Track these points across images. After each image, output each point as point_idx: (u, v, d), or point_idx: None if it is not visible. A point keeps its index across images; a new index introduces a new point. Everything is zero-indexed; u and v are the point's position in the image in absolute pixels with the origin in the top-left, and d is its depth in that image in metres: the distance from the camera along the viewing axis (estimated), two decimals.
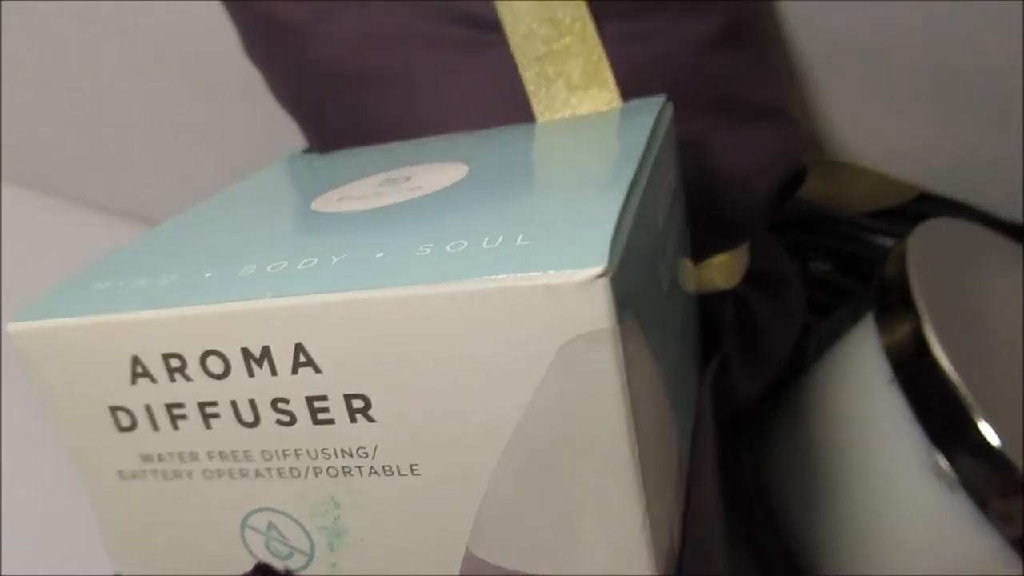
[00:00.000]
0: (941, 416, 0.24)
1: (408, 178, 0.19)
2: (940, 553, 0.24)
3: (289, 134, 0.32)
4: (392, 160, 0.21)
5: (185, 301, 0.14)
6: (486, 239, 0.13)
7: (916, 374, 0.24)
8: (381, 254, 0.14)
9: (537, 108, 0.24)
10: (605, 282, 0.12)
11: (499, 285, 0.12)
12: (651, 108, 0.21)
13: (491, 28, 0.25)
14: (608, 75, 0.24)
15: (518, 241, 0.13)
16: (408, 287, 0.13)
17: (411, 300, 0.13)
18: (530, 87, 0.24)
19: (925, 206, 0.35)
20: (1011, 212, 0.36)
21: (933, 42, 0.31)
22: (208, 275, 0.14)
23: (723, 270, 0.26)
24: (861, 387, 0.26)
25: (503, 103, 0.25)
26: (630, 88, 0.24)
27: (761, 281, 0.28)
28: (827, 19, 0.31)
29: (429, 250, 0.13)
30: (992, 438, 0.22)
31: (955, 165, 0.35)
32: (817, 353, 0.29)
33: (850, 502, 0.26)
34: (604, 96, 0.24)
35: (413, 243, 0.14)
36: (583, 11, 0.25)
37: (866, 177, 0.35)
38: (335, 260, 0.14)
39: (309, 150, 0.29)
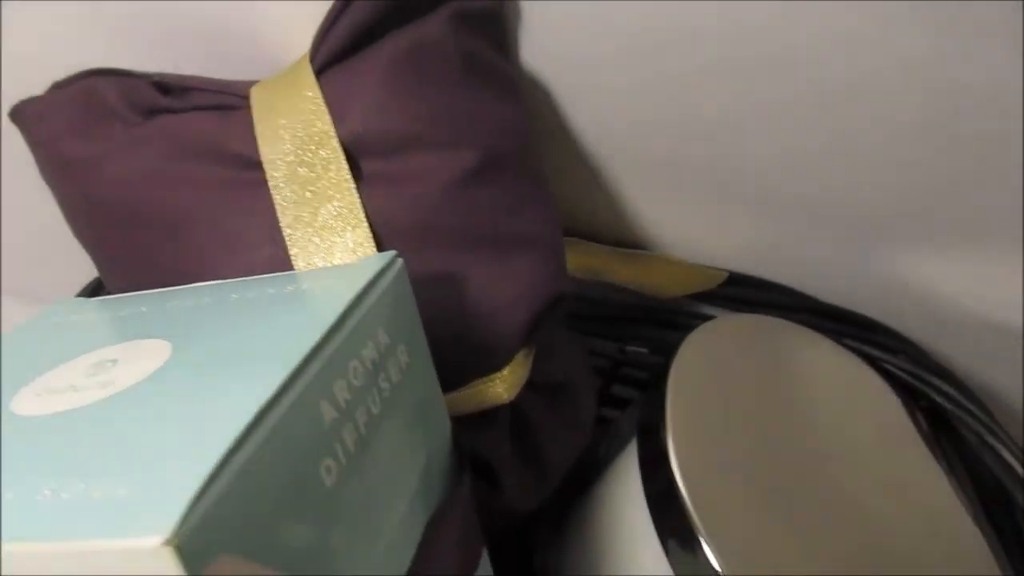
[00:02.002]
0: (673, 532, 0.25)
1: (114, 362, 0.19)
2: None
3: None
4: (127, 324, 0.22)
5: None
6: (78, 486, 0.14)
7: (658, 491, 0.25)
8: (23, 495, 0.14)
9: (293, 251, 0.25)
10: (170, 550, 0.13)
11: (76, 548, 0.13)
12: (371, 269, 0.21)
13: (254, 167, 0.26)
14: (362, 217, 0.25)
15: (98, 495, 0.14)
16: (13, 543, 0.13)
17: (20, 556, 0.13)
18: (287, 231, 0.25)
19: (735, 288, 0.37)
20: (819, 291, 0.38)
21: (719, 145, 0.33)
22: None
23: (504, 383, 0.27)
24: (626, 498, 0.27)
25: (268, 247, 0.26)
26: (386, 229, 0.25)
27: (546, 391, 0.29)
28: (624, 135, 0.33)
29: (49, 494, 0.14)
30: (715, 562, 0.23)
31: (759, 250, 0.37)
32: (605, 456, 0.30)
33: None
34: (358, 237, 0.25)
35: (38, 484, 0.14)
36: (338, 154, 0.25)
37: (676, 266, 0.36)
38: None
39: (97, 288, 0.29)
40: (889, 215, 0.34)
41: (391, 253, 0.23)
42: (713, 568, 0.24)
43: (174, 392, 0.17)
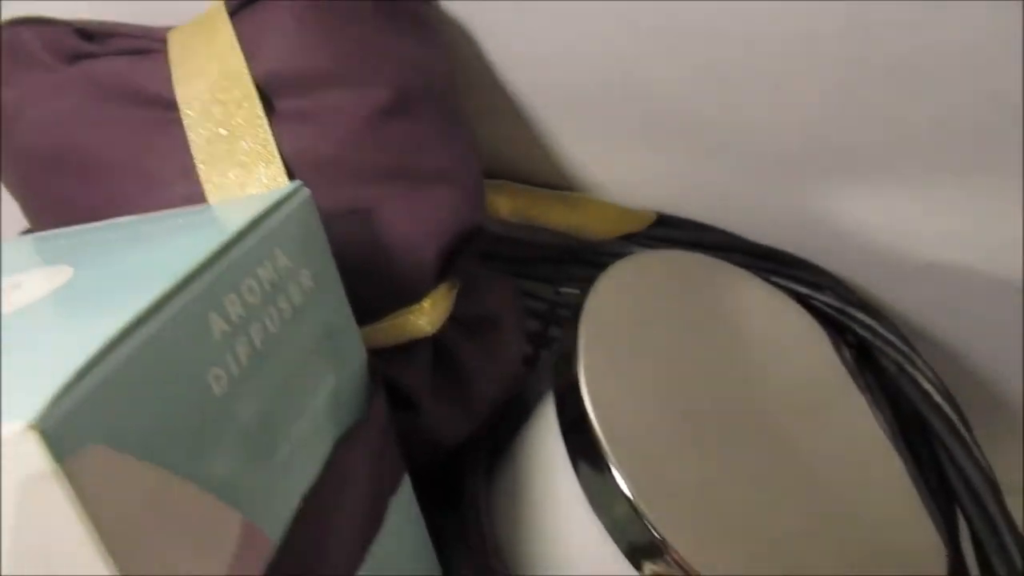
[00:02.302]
0: (584, 459, 0.26)
1: (17, 286, 0.20)
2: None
3: None
4: (36, 255, 0.23)
5: None
6: None
7: (570, 420, 0.26)
8: None
9: (207, 187, 0.26)
10: (34, 434, 0.13)
11: None
12: (273, 197, 0.22)
13: (171, 107, 0.26)
14: (275, 153, 0.26)
15: None
16: None
17: None
18: (201, 167, 0.26)
19: (664, 229, 0.38)
20: (747, 231, 0.38)
21: (649, 85, 0.33)
22: None
23: (425, 316, 0.28)
24: (545, 428, 0.28)
25: (183, 184, 0.26)
26: (299, 165, 0.26)
27: (471, 326, 0.30)
28: (555, 73, 0.33)
29: None
30: (624, 487, 0.24)
31: (688, 191, 0.37)
32: (532, 391, 0.31)
33: (536, 523, 0.28)
34: (272, 173, 0.26)
35: None
36: (251, 91, 0.26)
37: (604, 208, 0.37)
38: None
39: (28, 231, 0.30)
40: (813, 153, 0.35)
41: (296, 183, 0.24)
42: (623, 493, 0.25)
43: (65, 306, 0.18)
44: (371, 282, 0.26)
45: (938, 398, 0.34)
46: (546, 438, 0.29)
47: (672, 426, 0.28)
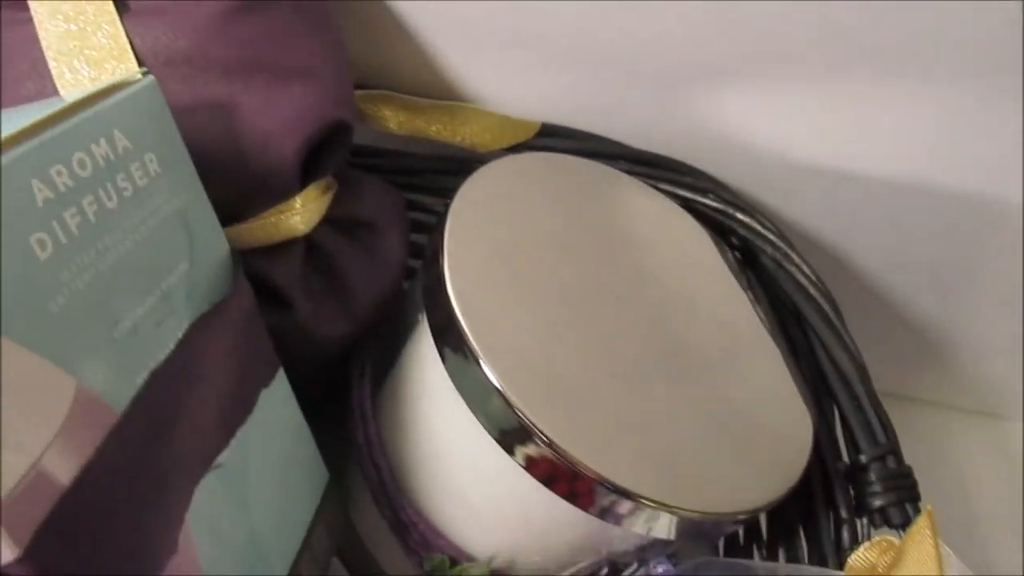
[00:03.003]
0: (452, 351, 0.26)
1: None
2: (473, 464, 0.28)
3: None
4: None
5: None
6: None
7: (438, 317, 0.27)
8: None
9: (59, 84, 0.25)
10: None
11: None
12: (112, 81, 0.22)
13: (23, 7, 0.26)
14: (126, 48, 0.25)
15: None
16: None
17: None
18: (52, 64, 0.25)
19: (549, 139, 0.38)
20: (630, 138, 0.39)
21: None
22: None
23: (297, 215, 0.28)
24: (418, 329, 0.29)
25: (34, 81, 0.26)
26: (153, 61, 0.26)
27: (348, 228, 0.30)
28: None
29: None
30: (492, 377, 0.25)
31: (571, 100, 0.38)
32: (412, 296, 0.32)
33: (416, 419, 0.29)
34: (124, 69, 0.25)
35: None
36: None
37: (488, 118, 0.37)
38: None
39: None
40: (694, 64, 0.36)
41: (139, 70, 0.24)
42: (491, 383, 0.26)
43: None
44: (234, 179, 0.26)
45: (813, 291, 0.36)
46: (420, 337, 0.29)
47: (541, 318, 0.28)
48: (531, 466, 0.26)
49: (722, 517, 0.27)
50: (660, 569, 0.29)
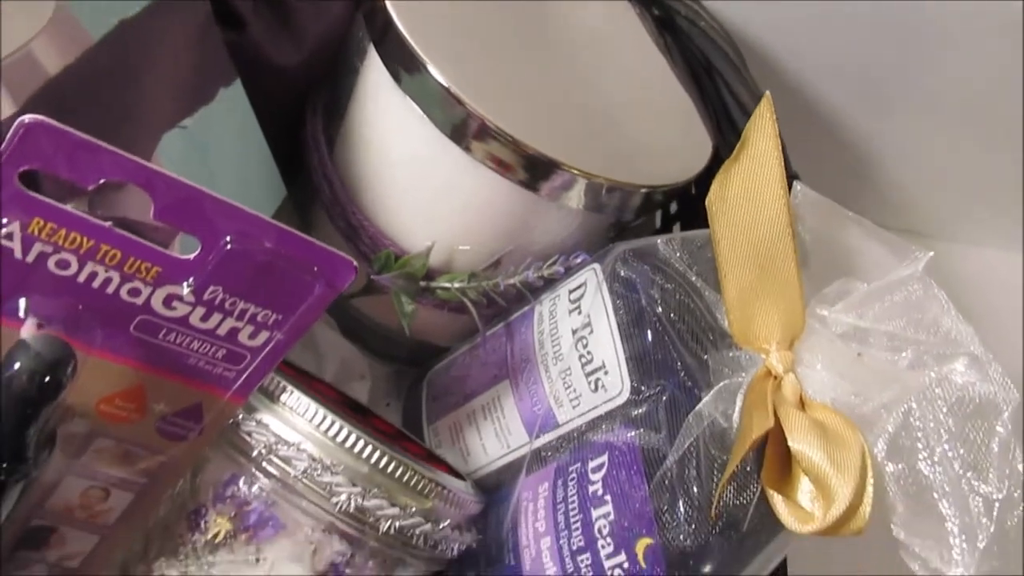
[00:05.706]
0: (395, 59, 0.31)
1: None
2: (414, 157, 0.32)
3: None
4: None
5: None
6: None
7: (381, 30, 0.31)
8: None
9: None
10: None
11: None
12: None
13: None
14: None
15: None
16: None
17: None
18: None
19: None
20: None
21: None
22: None
23: None
24: (365, 51, 0.33)
25: None
26: None
27: None
28: None
29: None
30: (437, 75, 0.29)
31: None
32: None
33: (357, 131, 0.33)
34: None
35: None
36: None
37: None
38: None
39: None
40: None
41: None
42: (439, 83, 0.30)
43: None
44: None
45: (723, 43, 0.40)
46: (365, 60, 0.33)
47: (472, 29, 0.32)
48: (463, 141, 0.30)
49: (647, 188, 0.32)
50: (580, 259, 0.33)
